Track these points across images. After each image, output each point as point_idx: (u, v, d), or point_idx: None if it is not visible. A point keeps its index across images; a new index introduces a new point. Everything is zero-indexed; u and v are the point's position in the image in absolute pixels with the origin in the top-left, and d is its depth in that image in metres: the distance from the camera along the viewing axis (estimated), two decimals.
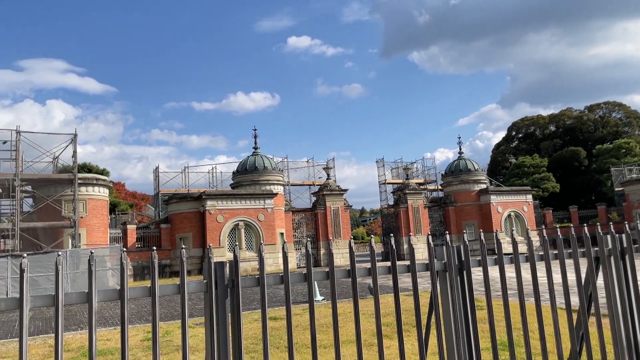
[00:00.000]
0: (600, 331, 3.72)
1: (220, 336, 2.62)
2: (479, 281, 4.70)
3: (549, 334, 4.20)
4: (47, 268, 22.06)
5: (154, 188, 44.79)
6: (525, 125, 70.15)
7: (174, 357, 9.05)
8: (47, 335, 12.61)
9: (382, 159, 48.12)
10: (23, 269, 2.25)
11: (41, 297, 2.35)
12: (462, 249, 3.40)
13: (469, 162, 45.07)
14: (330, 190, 40.15)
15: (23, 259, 2.26)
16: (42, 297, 2.35)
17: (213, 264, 2.67)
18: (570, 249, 3.88)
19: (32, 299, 2.33)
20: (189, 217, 34.74)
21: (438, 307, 3.21)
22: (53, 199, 28.68)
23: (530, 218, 43.81)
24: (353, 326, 10.28)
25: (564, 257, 3.77)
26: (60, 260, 2.28)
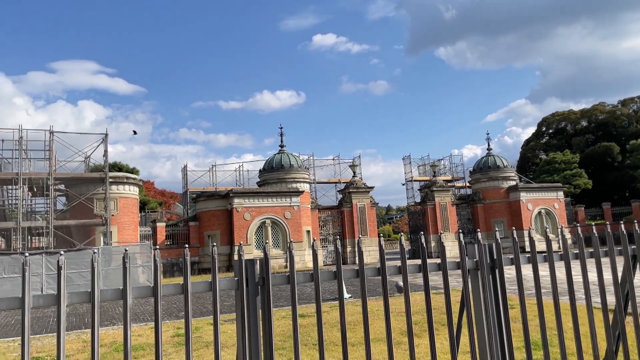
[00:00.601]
0: (638, 331, 3.62)
1: (252, 333, 2.64)
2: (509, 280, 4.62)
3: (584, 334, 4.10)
4: (79, 265, 22.62)
5: (183, 186, 45.43)
6: (555, 120, 68.62)
7: (203, 353, 9.16)
8: (81, 331, 12.92)
9: (408, 156, 47.79)
10: (60, 266, 2.30)
11: (78, 294, 2.41)
12: (494, 246, 3.35)
13: (497, 159, 44.36)
14: (356, 187, 40.05)
15: (60, 256, 2.31)
16: (78, 293, 2.40)
17: (244, 261, 2.69)
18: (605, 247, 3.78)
19: (69, 295, 2.39)
20: (216, 214, 35.11)
21: (470, 306, 3.17)
22: (85, 197, 29.34)
23: (561, 215, 42.89)
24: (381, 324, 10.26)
25: (599, 255, 3.67)
26: (97, 258, 2.33)
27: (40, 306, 2.35)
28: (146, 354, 9.47)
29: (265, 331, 2.69)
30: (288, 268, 15.66)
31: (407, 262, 3.14)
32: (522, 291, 3.34)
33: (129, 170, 46.16)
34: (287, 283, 2.84)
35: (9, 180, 28.01)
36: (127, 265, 2.40)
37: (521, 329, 3.42)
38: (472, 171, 45.70)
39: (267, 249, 2.80)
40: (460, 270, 3.29)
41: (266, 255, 2.76)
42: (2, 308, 2.28)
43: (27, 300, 2.27)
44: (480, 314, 3.28)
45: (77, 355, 9.76)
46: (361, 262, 2.99)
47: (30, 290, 2.28)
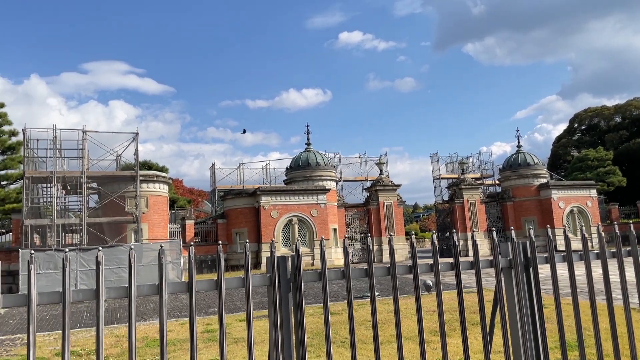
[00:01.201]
0: None
1: (284, 328, 2.66)
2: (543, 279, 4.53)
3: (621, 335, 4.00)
4: (112, 261, 23.12)
5: (211, 184, 45.95)
6: (588, 116, 66.99)
7: (232, 349, 9.26)
8: (113, 326, 13.22)
9: (436, 154, 47.30)
10: (99, 262, 2.36)
11: (115, 289, 2.46)
12: (528, 245, 3.29)
13: (527, 156, 43.56)
14: (383, 185, 39.87)
15: (99, 252, 2.37)
16: (116, 288, 2.46)
17: (276, 258, 2.71)
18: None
19: (106, 290, 2.45)
20: (244, 212, 35.43)
21: (503, 305, 3.12)
22: (117, 195, 29.96)
23: (594, 213, 41.87)
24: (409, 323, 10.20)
25: (638, 253, 3.57)
26: (133, 254, 2.38)
27: (79, 300, 2.42)
28: (177, 349, 9.62)
29: (297, 327, 2.70)
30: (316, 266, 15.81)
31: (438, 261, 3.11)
32: (557, 290, 3.27)
33: (158, 168, 46.95)
34: (318, 280, 2.85)
35: (43, 179, 28.81)
36: (163, 262, 2.45)
37: (555, 329, 3.36)
38: (501, 169, 44.99)
39: (298, 246, 2.81)
40: (492, 268, 3.25)
41: (298, 253, 2.77)
42: (43, 302, 2.35)
43: (68, 294, 2.33)
44: (514, 313, 3.24)
45: (111, 350, 9.98)
46: (392, 259, 2.98)
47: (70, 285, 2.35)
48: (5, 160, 36.99)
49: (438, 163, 47.17)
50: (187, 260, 2.60)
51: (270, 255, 2.71)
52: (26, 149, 28.33)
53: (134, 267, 2.42)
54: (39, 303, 2.32)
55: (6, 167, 37.14)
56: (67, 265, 2.30)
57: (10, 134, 37.48)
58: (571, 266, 3.38)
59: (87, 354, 9.73)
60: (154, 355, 9.19)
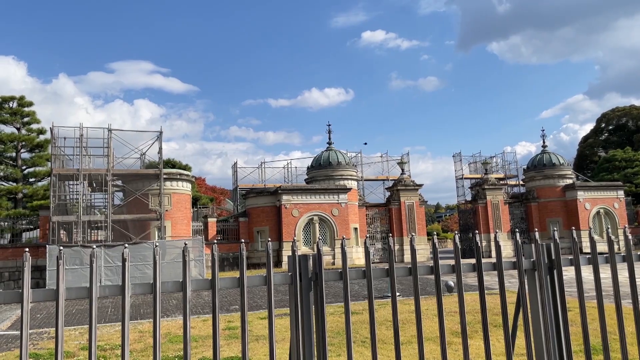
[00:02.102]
0: None
1: (305, 327, 2.68)
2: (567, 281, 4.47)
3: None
4: (135, 258, 23.50)
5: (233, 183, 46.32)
6: (616, 116, 65.56)
7: (253, 347, 9.34)
8: (137, 322, 13.44)
9: (459, 153, 46.84)
10: (125, 258, 2.41)
11: (140, 285, 2.51)
12: (553, 246, 3.25)
13: (553, 156, 42.84)
14: (404, 185, 39.66)
15: (125, 249, 2.42)
16: (141, 284, 2.51)
17: (298, 257, 2.73)
18: None
19: (132, 286, 2.50)
20: (265, 211, 35.63)
21: (526, 307, 3.09)
22: (141, 192, 30.41)
23: (621, 215, 40.97)
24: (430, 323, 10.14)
25: None
26: (158, 251, 2.43)
27: (105, 296, 2.47)
28: (199, 345, 9.74)
29: (318, 326, 2.72)
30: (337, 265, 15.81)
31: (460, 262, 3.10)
32: (581, 293, 3.22)
33: (181, 167, 47.49)
34: (339, 279, 2.86)
35: (70, 176, 29.40)
36: (187, 259, 2.49)
37: (579, 332, 3.31)
38: (525, 169, 44.34)
39: (320, 245, 2.83)
40: (516, 270, 3.22)
41: (319, 252, 2.79)
42: (71, 297, 2.41)
43: (95, 290, 2.39)
44: (537, 316, 3.20)
45: (134, 345, 10.15)
46: (414, 260, 2.97)
47: (97, 280, 2.40)
48: (34, 158, 37.87)
49: (461, 163, 46.73)
50: (209, 257, 2.64)
51: (291, 254, 2.73)
52: (53, 146, 28.94)
53: (159, 264, 2.47)
54: (67, 298, 2.38)
55: (34, 164, 38.03)
56: (94, 262, 2.35)
57: (38, 132, 38.38)
58: (596, 269, 3.33)
59: (112, 349, 9.91)
60: (176, 351, 9.32)
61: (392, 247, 2.93)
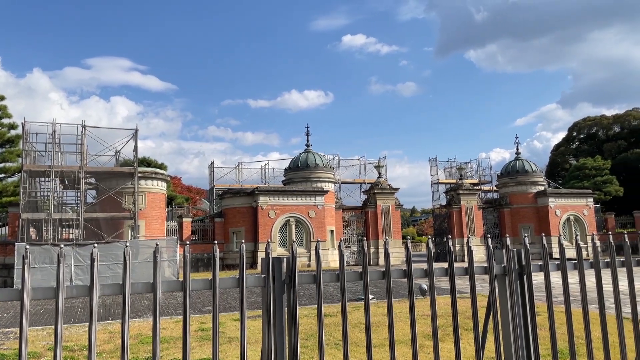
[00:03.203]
0: None
1: (277, 330, 2.66)
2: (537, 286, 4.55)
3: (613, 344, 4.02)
4: (108, 257, 23.10)
5: (209, 183, 45.95)
6: (587, 125, 67.12)
7: (226, 348, 9.26)
8: (107, 322, 13.20)
9: (435, 158, 47.35)
10: (93, 258, 2.37)
11: (109, 286, 2.47)
12: (523, 252, 3.31)
13: (526, 163, 43.63)
14: (381, 188, 39.88)
15: (94, 248, 2.38)
16: (110, 285, 2.47)
17: (271, 259, 2.72)
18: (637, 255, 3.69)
19: (101, 287, 2.45)
20: (242, 211, 35.42)
21: (496, 312, 3.14)
22: (114, 191, 29.92)
23: (590, 222, 41.94)
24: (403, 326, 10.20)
25: (631, 263, 3.59)
26: (128, 251, 2.39)
27: (72, 296, 2.42)
28: (170, 347, 9.62)
29: (291, 329, 2.71)
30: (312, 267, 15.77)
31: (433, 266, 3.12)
32: (550, 298, 3.29)
33: (157, 165, 46.91)
34: (313, 282, 2.86)
35: (41, 173, 28.75)
36: (158, 260, 2.46)
37: (547, 336, 3.37)
38: (499, 175, 45.05)
39: (294, 248, 2.82)
40: (487, 275, 3.26)
41: (293, 254, 2.78)
42: (37, 298, 2.35)
43: (61, 291, 2.34)
44: (507, 320, 3.25)
45: (104, 346, 9.97)
46: (387, 263, 2.99)
47: (64, 281, 2.35)
48: (4, 153, 36.94)
49: (437, 168, 47.23)
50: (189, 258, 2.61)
51: (265, 256, 2.72)
52: (25, 142, 28.29)
53: (129, 265, 2.43)
54: (33, 298, 2.32)
55: (4, 160, 37.09)
56: (61, 261, 2.30)
57: (9, 127, 37.43)
58: (565, 275, 3.40)
59: (80, 349, 9.72)
60: (147, 352, 9.19)
61: (367, 250, 2.94)
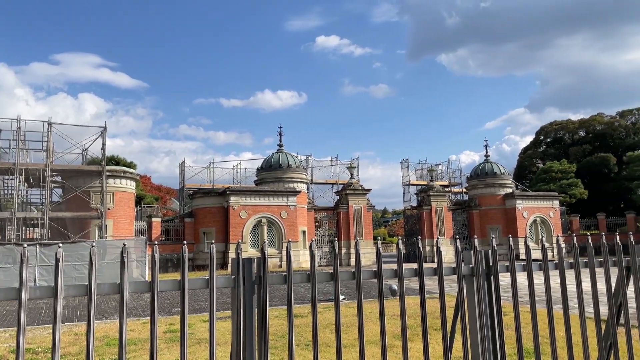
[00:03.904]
0: (629, 342, 3.64)
1: (247, 331, 2.65)
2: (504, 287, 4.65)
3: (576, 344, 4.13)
4: (74, 257, 22.56)
5: (179, 182, 45.41)
6: (554, 129, 68.86)
7: (195, 350, 9.16)
8: (73, 324, 12.90)
9: (406, 160, 47.88)
10: (58, 259, 2.31)
11: (74, 287, 2.41)
12: (490, 253, 3.37)
13: (494, 166, 44.48)
14: (353, 189, 40.07)
15: (59, 248, 2.32)
16: (75, 286, 2.41)
17: (242, 260, 2.70)
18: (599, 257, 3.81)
19: (65, 288, 2.39)
20: (212, 212, 35.10)
21: (464, 312, 3.19)
22: (81, 190, 29.27)
23: (556, 224, 43.02)
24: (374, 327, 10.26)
25: (594, 265, 3.70)
26: (94, 251, 2.34)
27: (36, 297, 2.36)
28: (138, 348, 9.46)
29: (261, 330, 2.70)
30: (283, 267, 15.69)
31: (403, 266, 3.15)
32: (516, 299, 3.36)
33: (126, 164, 46.09)
34: (283, 283, 2.85)
35: (5, 170, 27.94)
36: (125, 260, 2.41)
37: (514, 336, 3.44)
38: (469, 177, 45.80)
39: (265, 249, 2.81)
40: (456, 275, 3.31)
41: (264, 255, 2.77)
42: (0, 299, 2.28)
43: (24, 291, 2.27)
44: (474, 320, 3.30)
45: (69, 348, 9.74)
46: (358, 264, 3.00)
47: (27, 281, 2.29)
48: None
49: (408, 169, 47.77)
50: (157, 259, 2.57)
51: (235, 257, 2.70)
52: None
53: (95, 265, 2.38)
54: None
55: None
56: (24, 261, 2.24)
57: None
58: (530, 275, 3.48)
59: (44, 352, 9.47)
60: (113, 354, 9.01)
61: (339, 251, 2.95)
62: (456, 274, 3.29)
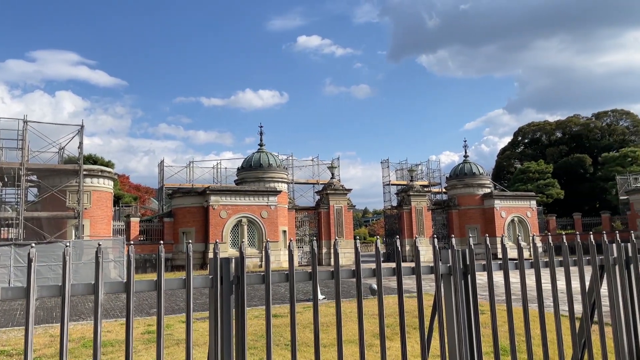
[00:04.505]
0: (603, 339, 3.71)
1: (224, 331, 2.63)
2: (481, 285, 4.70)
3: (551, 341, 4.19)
4: (49, 258, 22.15)
5: (159, 182, 44.89)
6: (531, 130, 69.95)
7: (174, 351, 9.08)
8: (48, 325, 12.67)
9: (387, 160, 48.10)
10: (31, 259, 2.26)
11: (48, 287, 2.36)
12: (468, 253, 3.40)
13: (473, 166, 44.98)
14: (334, 189, 40.13)
15: (31, 248, 2.27)
16: (49, 287, 2.36)
17: (219, 260, 2.68)
18: (574, 256, 3.88)
19: (38, 289, 2.35)
20: (192, 211, 34.80)
21: (441, 310, 3.21)
22: (58, 189, 28.77)
23: (533, 224, 43.69)
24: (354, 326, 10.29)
25: (569, 264, 3.76)
26: (68, 251, 2.30)
27: (8, 299, 2.31)
28: (115, 350, 9.34)
29: (238, 330, 2.68)
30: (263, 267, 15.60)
31: (382, 265, 3.17)
32: (492, 297, 3.40)
33: (104, 163, 45.44)
34: (261, 283, 2.84)
35: None
36: (100, 260, 2.37)
37: (491, 334, 3.49)
38: (448, 177, 46.23)
39: (243, 248, 2.79)
40: (434, 274, 3.34)
41: (242, 254, 2.75)
42: None
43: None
44: (452, 319, 3.33)
45: (44, 350, 9.57)
46: (337, 264, 3.00)
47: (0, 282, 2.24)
48: None
49: (388, 169, 48.00)
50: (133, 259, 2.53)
51: (213, 257, 2.68)
52: None
53: (69, 265, 2.34)
54: None
55: None
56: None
57: None
58: (507, 274, 3.52)
59: (19, 354, 9.29)
60: (90, 356, 8.87)
61: (320, 251, 2.95)
62: (434, 273, 3.32)
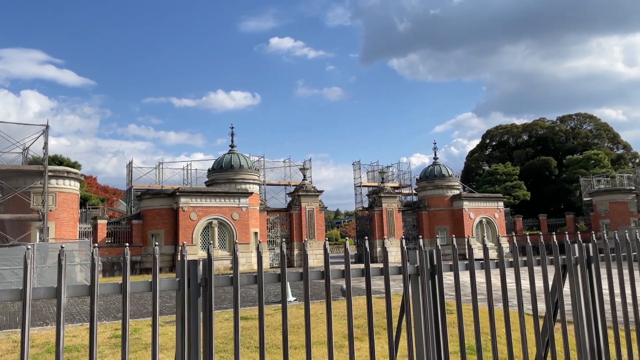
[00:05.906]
0: (565, 337, 3.81)
1: (192, 335, 2.60)
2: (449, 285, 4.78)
3: (516, 339, 4.29)
4: (13, 261, 21.50)
5: (127, 183, 44.10)
6: (499, 133, 71.40)
7: (141, 355, 8.93)
8: (11, 330, 12.30)
9: (358, 162, 48.42)
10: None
11: (8, 292, 2.30)
12: (435, 253, 3.45)
13: (443, 168, 45.61)
14: (306, 191, 40.13)
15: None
16: (9, 291, 2.30)
17: (186, 262, 2.65)
18: (539, 256, 3.98)
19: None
20: (161, 213, 34.29)
21: (409, 311, 3.25)
22: (21, 191, 27.97)
23: (501, 225, 44.55)
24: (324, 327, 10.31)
25: (532, 264, 3.85)
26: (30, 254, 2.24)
27: None
28: (81, 355, 9.13)
29: (206, 333, 2.66)
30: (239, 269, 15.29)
31: (352, 267, 3.19)
32: (459, 297, 3.46)
33: (70, 164, 44.37)
34: (230, 285, 2.82)
35: None
36: (63, 263, 2.32)
37: (457, 333, 3.54)
38: (418, 179, 46.77)
39: (210, 250, 2.77)
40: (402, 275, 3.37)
41: (209, 256, 2.73)
42: None
43: None
44: (420, 319, 3.38)
45: (7, 356, 9.29)
46: (306, 265, 3.01)
47: None
48: None
49: (360, 171, 48.32)
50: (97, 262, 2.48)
51: (180, 259, 2.65)
52: None
53: (30, 269, 2.28)
54: None
55: None
56: None
57: None
58: (473, 274, 3.59)
59: None
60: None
61: (291, 252, 2.95)
62: (402, 273, 3.35)
